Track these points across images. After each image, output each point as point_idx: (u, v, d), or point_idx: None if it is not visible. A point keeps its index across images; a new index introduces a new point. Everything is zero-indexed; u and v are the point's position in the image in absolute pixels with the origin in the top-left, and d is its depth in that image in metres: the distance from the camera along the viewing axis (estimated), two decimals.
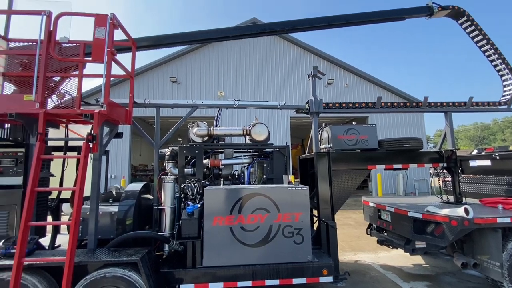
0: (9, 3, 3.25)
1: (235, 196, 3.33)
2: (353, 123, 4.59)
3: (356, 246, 6.18)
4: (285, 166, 4.32)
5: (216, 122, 4.96)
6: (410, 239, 4.00)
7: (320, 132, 4.78)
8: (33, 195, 2.67)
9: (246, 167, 4.48)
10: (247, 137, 4.60)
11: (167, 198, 3.64)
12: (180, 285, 3.09)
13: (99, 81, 3.38)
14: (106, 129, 3.52)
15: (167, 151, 4.41)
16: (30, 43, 3.20)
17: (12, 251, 2.73)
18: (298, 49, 14.89)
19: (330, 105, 4.54)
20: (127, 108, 3.55)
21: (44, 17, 2.78)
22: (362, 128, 4.39)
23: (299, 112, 4.72)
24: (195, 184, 3.69)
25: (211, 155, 4.51)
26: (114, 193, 4.07)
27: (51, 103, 3.29)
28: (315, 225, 4.46)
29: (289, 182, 3.86)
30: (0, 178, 3.16)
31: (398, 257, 5.39)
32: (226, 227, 3.25)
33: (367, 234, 5.35)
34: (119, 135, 3.78)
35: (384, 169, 4.42)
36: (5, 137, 3.32)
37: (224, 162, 4.33)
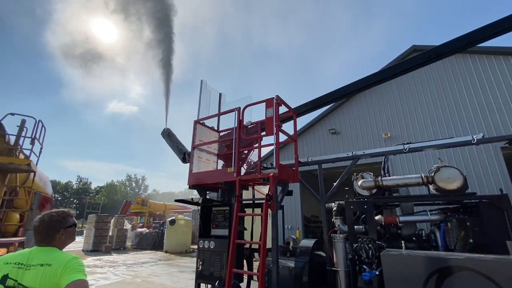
0: (219, 108, 4.95)
1: (427, 267, 2.56)
2: None
3: None
4: (507, 226, 2.92)
5: (384, 171, 4.37)
6: None
7: None
8: (235, 246, 3.39)
9: (436, 226, 3.45)
10: (431, 186, 3.65)
11: (339, 259, 3.41)
12: None
13: (271, 147, 4.16)
14: (279, 188, 4.06)
15: (334, 206, 4.32)
16: (230, 131, 4.53)
17: None
18: (490, 58, 11.14)
19: None
20: (294, 168, 3.97)
21: (236, 112, 3.91)
22: None
23: None
24: (369, 245, 3.24)
25: (384, 210, 3.91)
26: (290, 246, 4.38)
27: (242, 170, 4.34)
28: None
29: None
30: (217, 230, 4.34)
31: None
32: None
33: None
34: (289, 193, 4.21)
35: None
36: (218, 198, 4.62)
37: (403, 219, 3.59)
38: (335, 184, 4.12)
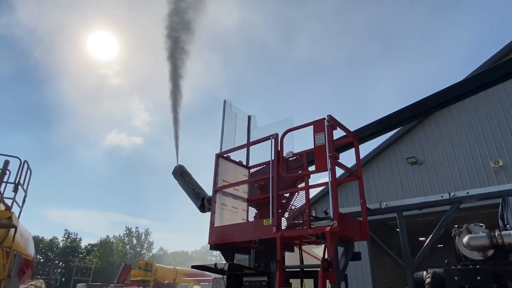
0: (248, 138, 5.04)
1: None
2: None
3: None
4: None
5: (504, 220, 3.95)
6: None
7: None
8: None
9: None
10: None
11: None
12: None
13: (322, 187, 4.10)
14: (341, 249, 3.84)
15: (426, 275, 3.98)
16: (264, 166, 4.54)
17: None
18: None
19: None
20: (361, 219, 3.76)
21: (273, 140, 3.93)
22: None
23: None
24: None
25: (511, 283, 3.48)
26: None
27: (284, 222, 4.23)
28: None
29: None
30: None
31: None
32: None
33: None
34: (356, 257, 3.95)
35: None
36: (250, 264, 4.49)
37: None
38: (426, 241, 3.80)
